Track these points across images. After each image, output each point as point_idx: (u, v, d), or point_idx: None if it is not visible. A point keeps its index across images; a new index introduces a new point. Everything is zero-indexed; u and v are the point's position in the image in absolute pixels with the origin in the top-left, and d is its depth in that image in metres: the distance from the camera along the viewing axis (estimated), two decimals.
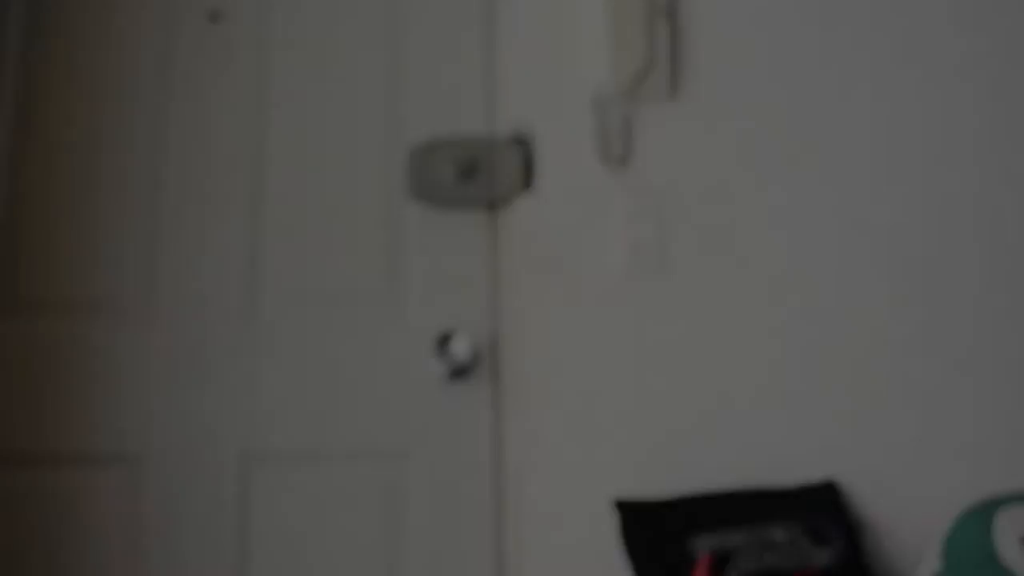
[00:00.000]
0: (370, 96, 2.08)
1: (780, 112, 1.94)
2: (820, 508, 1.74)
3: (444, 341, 1.96)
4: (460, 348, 1.95)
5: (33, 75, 2.04)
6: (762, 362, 1.87)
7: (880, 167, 1.93)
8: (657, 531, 1.70)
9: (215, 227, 2.02)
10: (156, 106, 2.05)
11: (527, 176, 1.98)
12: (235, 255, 2.01)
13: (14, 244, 2.00)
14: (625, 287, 1.90)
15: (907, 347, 1.87)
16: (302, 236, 2.03)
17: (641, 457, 1.84)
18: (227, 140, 2.05)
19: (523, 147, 1.99)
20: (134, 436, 1.96)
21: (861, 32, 1.96)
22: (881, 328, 1.88)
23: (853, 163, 1.93)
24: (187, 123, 2.05)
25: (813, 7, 1.97)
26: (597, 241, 1.91)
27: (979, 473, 1.80)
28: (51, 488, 1.94)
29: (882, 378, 1.86)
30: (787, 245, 1.91)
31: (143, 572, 1.92)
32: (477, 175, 2.01)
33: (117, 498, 1.94)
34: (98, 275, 2.01)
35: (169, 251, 2.01)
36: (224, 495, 1.94)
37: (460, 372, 1.96)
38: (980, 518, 1.65)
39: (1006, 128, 1.94)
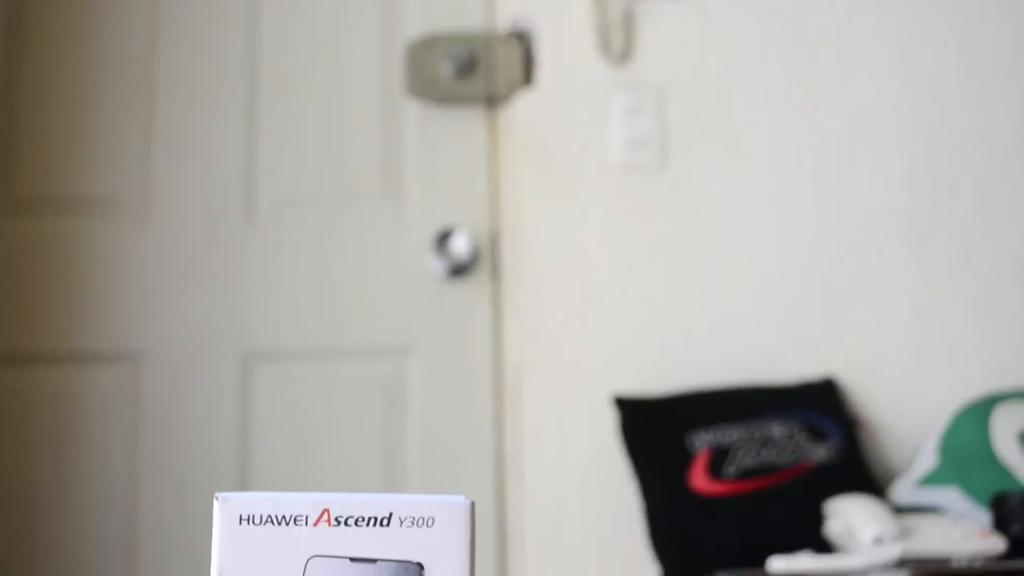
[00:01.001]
0: None
1: (782, 8, 1.92)
2: (818, 405, 1.75)
3: (443, 238, 1.96)
4: (459, 245, 1.95)
5: None
6: (762, 259, 1.87)
7: (882, 66, 1.91)
8: (656, 427, 1.71)
9: (211, 126, 2.01)
10: (152, 3, 2.03)
11: (526, 72, 1.96)
12: (232, 153, 2.00)
13: (10, 143, 1.99)
14: (625, 183, 1.89)
15: (908, 245, 1.87)
16: (299, 134, 2.02)
17: (640, 354, 1.85)
18: (223, 38, 2.03)
19: (522, 42, 1.97)
20: (134, 335, 1.97)
21: None
22: (882, 226, 1.87)
23: (855, 61, 1.91)
24: (182, 21, 2.02)
25: None
26: (597, 137, 1.90)
27: (977, 371, 1.81)
28: (53, 387, 1.95)
29: (883, 276, 1.86)
30: (788, 142, 1.90)
31: (145, 469, 1.94)
32: (476, 71, 1.99)
33: (118, 396, 1.95)
34: (95, 174, 2.00)
35: (166, 150, 2.00)
36: (225, 393, 1.96)
37: (460, 269, 1.96)
38: (977, 415, 1.67)
39: (1014, 32, 1.91)
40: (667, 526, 1.64)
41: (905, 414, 1.81)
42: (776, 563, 1.45)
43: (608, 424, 1.78)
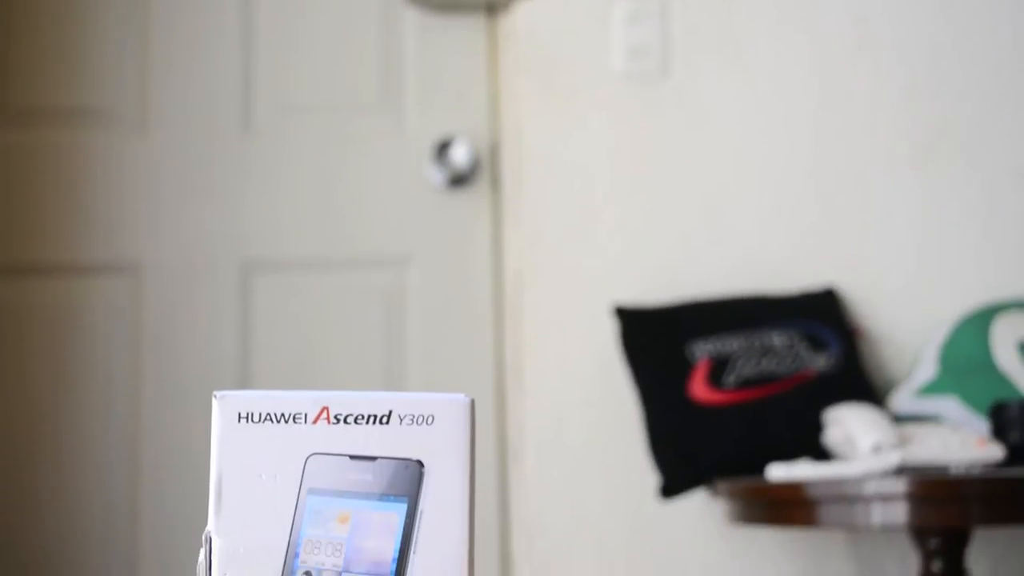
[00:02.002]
0: None
1: None
2: (818, 315, 1.75)
3: (443, 148, 1.94)
4: (459, 155, 1.93)
5: None
6: (764, 169, 1.86)
7: None
8: (656, 337, 1.71)
9: (209, 35, 1.98)
10: None
11: None
12: (230, 63, 1.98)
13: (7, 53, 1.97)
14: (626, 92, 1.87)
15: (910, 154, 1.85)
16: (297, 44, 2.00)
17: (641, 264, 1.85)
18: None
19: None
20: (134, 246, 1.96)
21: None
22: (885, 137, 1.86)
23: None
24: None
25: None
26: (598, 45, 1.88)
27: (978, 281, 1.81)
28: (53, 299, 1.95)
29: (884, 185, 1.85)
30: (790, 52, 1.88)
31: (146, 380, 1.94)
32: None
33: (118, 308, 1.95)
34: (91, 85, 1.98)
35: (163, 60, 1.98)
36: (225, 304, 1.95)
37: (459, 179, 1.94)
38: (978, 324, 1.67)
39: None
40: (666, 435, 1.65)
41: (905, 324, 1.81)
42: (775, 470, 1.46)
43: (608, 334, 1.78)
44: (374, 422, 0.48)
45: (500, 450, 1.92)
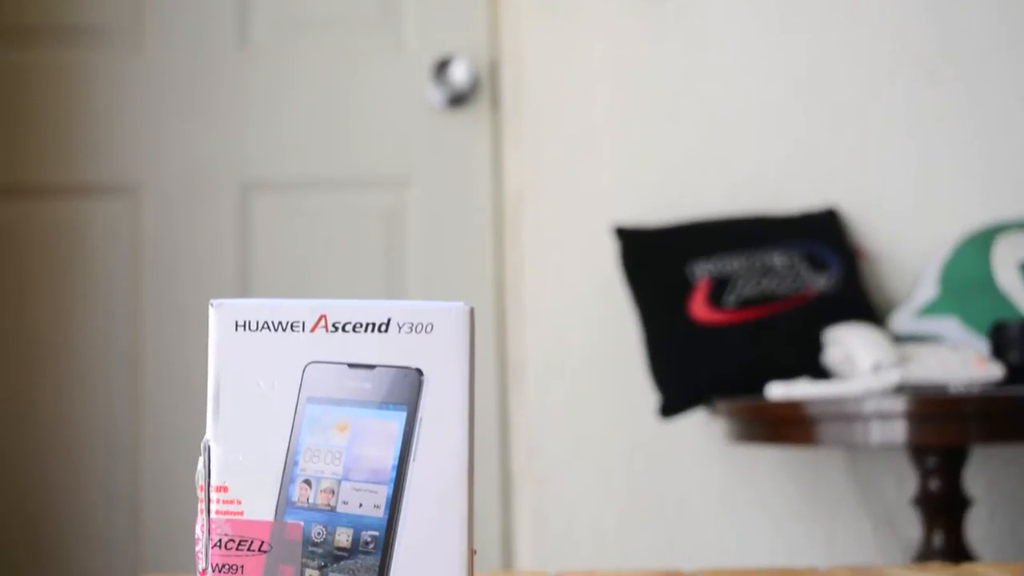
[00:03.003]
0: None
1: None
2: (820, 235, 1.74)
3: (442, 67, 1.92)
4: (459, 74, 1.92)
5: None
6: (765, 89, 1.84)
7: None
8: (657, 257, 1.71)
9: None
10: None
11: None
12: None
13: None
14: (627, 10, 1.85)
15: (913, 74, 1.83)
16: None
17: (641, 183, 1.84)
18: None
19: None
20: (132, 166, 1.95)
21: None
22: (888, 56, 1.84)
23: None
24: None
25: None
26: None
27: (980, 201, 1.80)
28: (52, 219, 1.95)
29: (887, 106, 1.83)
30: None
31: (146, 300, 1.94)
32: None
33: (118, 228, 1.95)
34: (86, 2, 1.96)
35: None
36: (224, 224, 1.95)
37: (459, 99, 1.93)
38: (979, 245, 1.66)
39: None
40: (666, 354, 1.65)
41: (907, 244, 1.80)
42: (774, 389, 1.46)
43: (608, 253, 1.78)
44: (372, 330, 0.48)
45: (501, 370, 1.92)
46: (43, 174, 1.95)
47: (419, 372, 0.48)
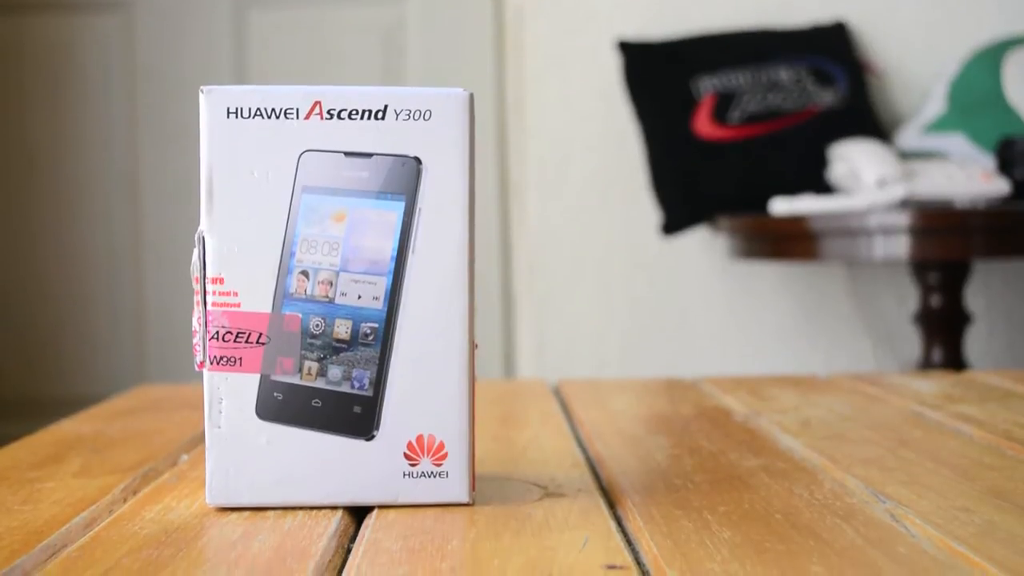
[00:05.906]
0: None
1: None
2: (827, 49, 1.71)
3: None
4: None
5: None
6: None
7: None
8: (660, 72, 1.68)
9: None
10: None
11: None
12: None
13: None
14: None
15: None
16: None
17: None
18: None
19: None
20: None
21: None
22: None
23: None
24: None
25: None
26: None
27: (991, 14, 1.76)
28: (46, 35, 1.91)
29: None
30: None
31: (144, 117, 1.92)
32: None
33: (112, 44, 1.92)
34: None
35: None
36: (220, 40, 1.91)
37: None
38: (989, 60, 1.63)
39: None
40: (670, 171, 1.63)
41: (915, 59, 1.77)
42: (778, 204, 1.45)
43: (611, 68, 1.75)
44: (369, 117, 0.46)
45: (502, 188, 1.90)
46: None
47: (417, 160, 0.46)
